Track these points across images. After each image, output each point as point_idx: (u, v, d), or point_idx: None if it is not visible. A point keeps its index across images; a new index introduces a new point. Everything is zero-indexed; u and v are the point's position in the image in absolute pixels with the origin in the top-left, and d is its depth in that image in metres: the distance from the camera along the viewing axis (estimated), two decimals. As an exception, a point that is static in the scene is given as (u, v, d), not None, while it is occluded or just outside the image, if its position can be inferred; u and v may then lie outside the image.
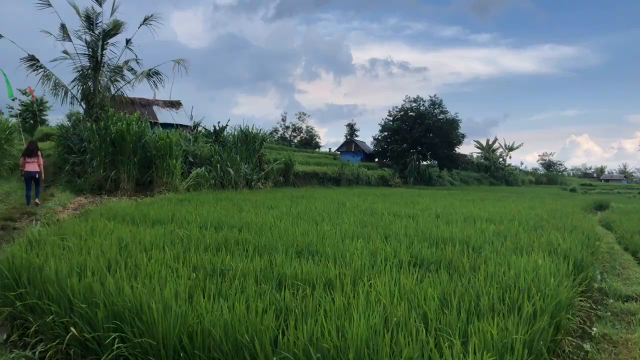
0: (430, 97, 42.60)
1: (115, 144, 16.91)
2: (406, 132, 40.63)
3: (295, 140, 59.33)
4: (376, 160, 45.55)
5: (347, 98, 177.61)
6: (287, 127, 60.49)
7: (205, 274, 4.60)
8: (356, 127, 56.73)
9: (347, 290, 4.13)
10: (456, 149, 42.30)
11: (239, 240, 6.43)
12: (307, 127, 61.20)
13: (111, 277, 4.26)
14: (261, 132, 24.24)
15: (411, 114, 41.71)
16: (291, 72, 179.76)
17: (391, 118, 42.58)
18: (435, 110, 41.46)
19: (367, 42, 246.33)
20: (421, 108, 41.82)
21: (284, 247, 6.14)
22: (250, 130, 23.21)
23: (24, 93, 37.31)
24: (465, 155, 50.54)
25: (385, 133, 42.31)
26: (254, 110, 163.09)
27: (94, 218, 8.45)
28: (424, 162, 42.83)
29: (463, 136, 42.51)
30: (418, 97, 42.04)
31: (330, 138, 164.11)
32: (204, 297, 3.84)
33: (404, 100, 42.50)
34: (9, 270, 4.83)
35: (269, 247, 6.15)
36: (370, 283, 4.28)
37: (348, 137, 54.54)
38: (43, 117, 41.45)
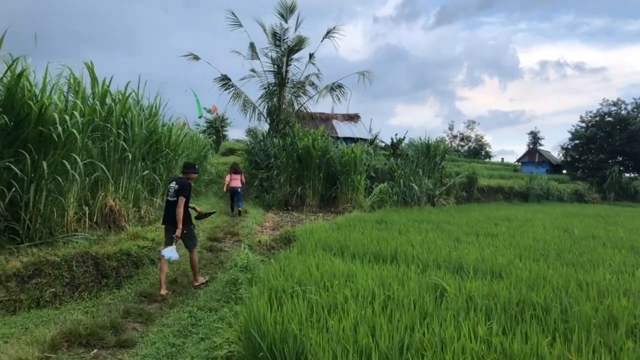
0: (634, 99, 36.00)
1: (301, 159, 16.67)
2: (603, 140, 34.73)
3: (462, 150, 55.56)
4: (564, 172, 39.77)
5: (513, 104, 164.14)
6: (455, 136, 57.06)
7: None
8: (540, 135, 50.73)
9: None
10: (664, 158, 34.99)
11: (527, 304, 4.69)
12: (476, 135, 56.97)
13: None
14: (442, 143, 22.32)
15: (609, 119, 35.60)
16: (451, 79, 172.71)
17: (583, 124, 36.87)
18: (642, 115, 34.74)
19: (536, 44, 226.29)
20: (622, 112, 35.41)
21: (596, 322, 4.24)
22: (432, 142, 21.43)
23: (209, 111, 41.35)
24: (676, 166, 41.33)
25: (577, 141, 36.71)
26: (412, 120, 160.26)
27: (310, 250, 7.51)
28: (625, 175, 36.08)
29: (676, 143, 34.88)
30: (619, 99, 35.71)
31: (495, 146, 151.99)
32: None
33: (601, 104, 36.53)
34: (262, 337, 3.81)
35: (577, 319, 4.29)
36: None
37: (531, 146, 48.69)
38: (224, 133, 45.20)
